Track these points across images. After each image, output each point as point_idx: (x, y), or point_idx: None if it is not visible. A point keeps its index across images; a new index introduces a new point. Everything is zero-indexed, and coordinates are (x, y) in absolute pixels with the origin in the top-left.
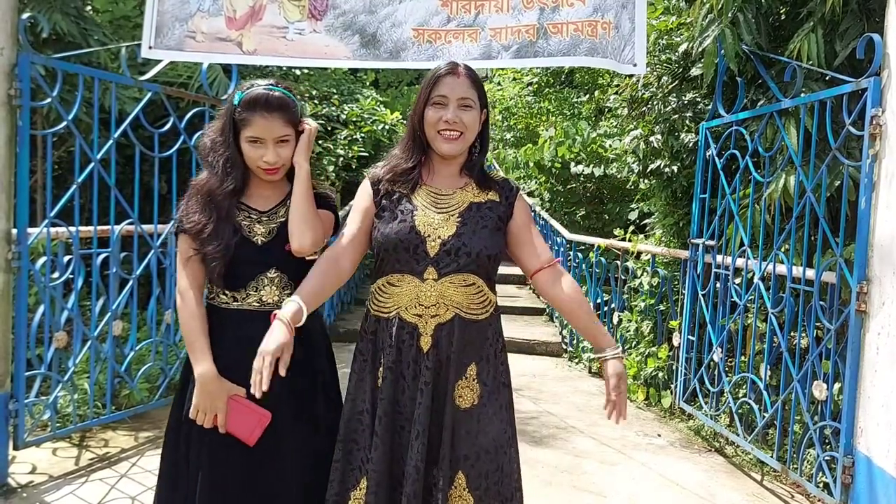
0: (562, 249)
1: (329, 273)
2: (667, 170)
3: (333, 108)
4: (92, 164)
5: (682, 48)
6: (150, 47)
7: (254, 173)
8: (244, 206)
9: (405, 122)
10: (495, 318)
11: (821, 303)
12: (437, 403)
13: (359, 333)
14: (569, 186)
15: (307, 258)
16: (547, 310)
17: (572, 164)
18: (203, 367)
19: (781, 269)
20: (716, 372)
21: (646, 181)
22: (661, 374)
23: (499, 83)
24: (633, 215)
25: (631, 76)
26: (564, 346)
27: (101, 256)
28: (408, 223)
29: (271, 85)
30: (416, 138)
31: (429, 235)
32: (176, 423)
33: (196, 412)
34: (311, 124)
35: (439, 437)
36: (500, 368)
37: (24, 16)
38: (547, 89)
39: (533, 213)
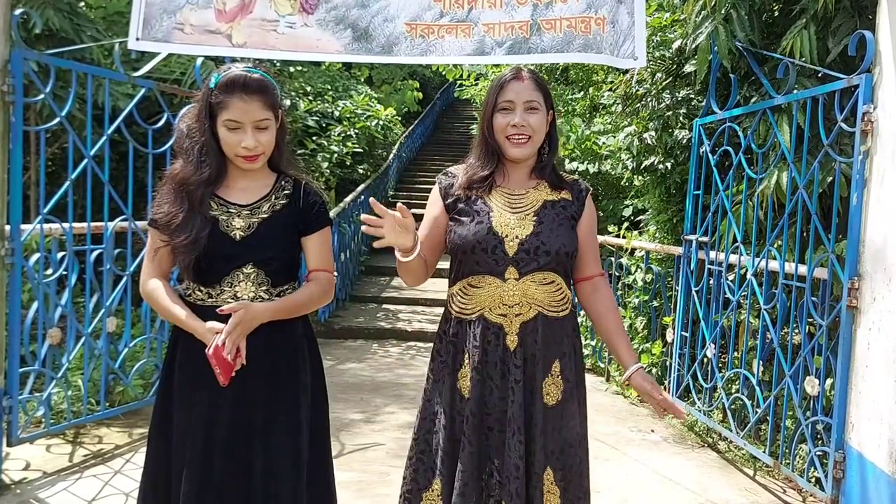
0: None
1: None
2: (660, 166)
3: (327, 105)
4: (85, 161)
5: (675, 45)
6: (137, 39)
7: (232, 164)
8: (221, 199)
9: (399, 118)
10: (573, 314)
11: (813, 299)
12: (527, 401)
13: (437, 335)
14: None
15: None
16: None
17: (566, 160)
18: (191, 326)
19: (774, 265)
20: (709, 368)
21: (640, 178)
22: (654, 370)
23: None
24: (627, 212)
25: (625, 73)
26: None
27: (95, 253)
28: (485, 224)
29: (250, 67)
30: (489, 145)
31: (506, 236)
32: (158, 425)
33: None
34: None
35: (529, 434)
36: (580, 364)
37: (17, 11)
38: None
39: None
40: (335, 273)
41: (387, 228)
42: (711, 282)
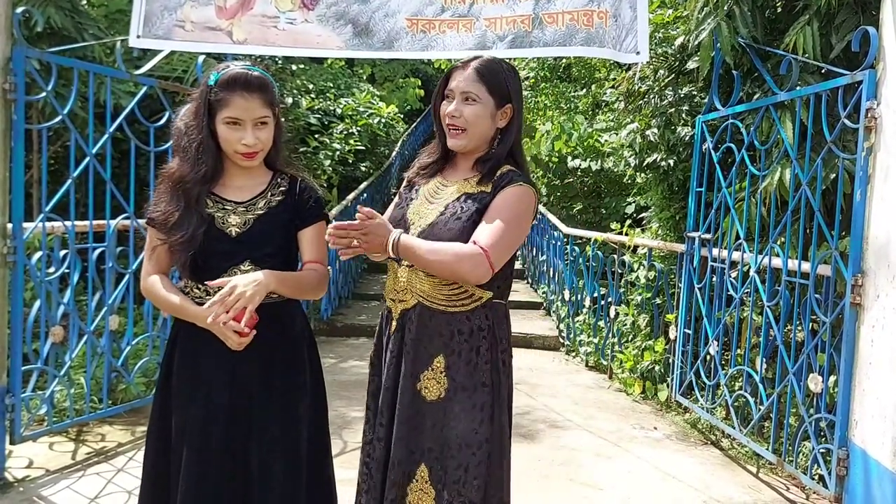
0: (559, 244)
1: None
2: (663, 163)
3: (329, 103)
4: (87, 159)
5: (678, 41)
6: (137, 36)
7: (229, 161)
8: (217, 197)
9: (402, 115)
10: (481, 314)
11: (816, 296)
12: (399, 390)
13: None
14: (566, 181)
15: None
16: (544, 304)
17: (569, 158)
18: (191, 314)
19: (777, 262)
20: (712, 365)
21: (642, 175)
22: (657, 368)
23: None
24: (629, 209)
25: (628, 69)
26: (561, 340)
27: (97, 251)
28: (402, 210)
29: (249, 65)
30: (439, 133)
31: (413, 223)
32: (156, 424)
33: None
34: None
35: (396, 421)
36: (482, 367)
37: (19, 10)
38: (543, 84)
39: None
40: (328, 268)
41: (357, 240)
42: (714, 279)
